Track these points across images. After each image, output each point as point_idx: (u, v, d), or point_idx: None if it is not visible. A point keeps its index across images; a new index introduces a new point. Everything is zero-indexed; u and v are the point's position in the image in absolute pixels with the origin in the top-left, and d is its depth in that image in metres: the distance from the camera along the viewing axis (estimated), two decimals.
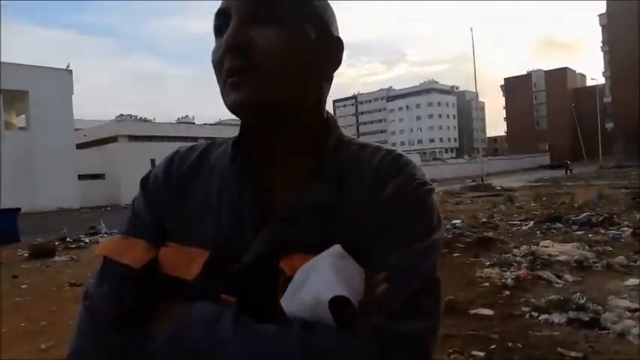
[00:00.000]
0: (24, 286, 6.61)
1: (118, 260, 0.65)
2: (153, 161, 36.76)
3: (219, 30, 0.66)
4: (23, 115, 33.31)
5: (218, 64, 0.65)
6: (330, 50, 0.69)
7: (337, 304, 0.53)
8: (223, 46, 0.62)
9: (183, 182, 0.72)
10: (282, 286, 0.59)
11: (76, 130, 34.13)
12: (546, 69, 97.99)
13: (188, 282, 0.63)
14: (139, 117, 75.12)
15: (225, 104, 0.64)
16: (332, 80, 0.72)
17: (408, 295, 0.58)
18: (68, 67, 33.60)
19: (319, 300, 0.54)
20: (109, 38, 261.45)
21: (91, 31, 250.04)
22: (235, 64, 0.62)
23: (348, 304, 0.54)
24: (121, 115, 79.71)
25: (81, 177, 32.41)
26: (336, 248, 0.60)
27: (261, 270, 0.61)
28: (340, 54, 0.70)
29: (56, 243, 10.82)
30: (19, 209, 13.05)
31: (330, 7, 0.70)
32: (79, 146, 34.90)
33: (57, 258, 9.13)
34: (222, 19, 0.65)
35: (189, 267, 0.64)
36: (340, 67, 0.71)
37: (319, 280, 0.55)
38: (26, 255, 9.48)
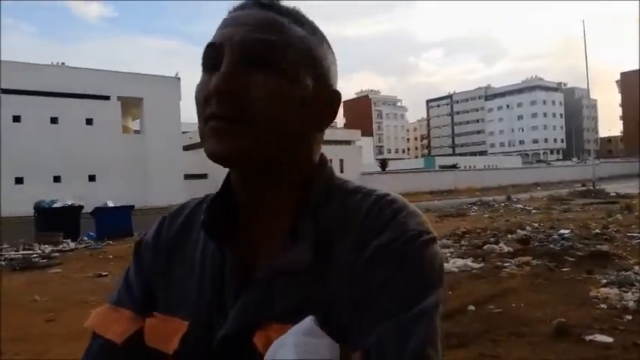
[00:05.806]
0: None
1: (102, 335, 0.64)
2: None
3: (207, 63, 0.59)
4: (138, 120, 36.71)
5: (202, 102, 0.58)
6: (327, 103, 0.62)
7: None
8: (211, 88, 0.55)
9: (171, 245, 0.68)
10: None
11: (182, 132, 36.85)
12: None
13: (169, 356, 0.60)
14: None
15: (204, 149, 0.57)
16: (324, 132, 0.65)
17: None
18: (177, 74, 36.47)
19: None
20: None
21: (198, 39, 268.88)
22: (220, 111, 0.55)
23: None
24: None
25: (186, 177, 34.87)
26: (307, 322, 0.51)
27: (236, 344, 0.56)
28: (336, 107, 0.64)
29: None
30: (132, 206, 14.40)
31: (331, 55, 0.64)
32: (185, 148, 37.62)
33: None
34: (213, 53, 0.58)
35: (169, 340, 0.61)
36: (434, 65, 0.60)
37: None
38: None
